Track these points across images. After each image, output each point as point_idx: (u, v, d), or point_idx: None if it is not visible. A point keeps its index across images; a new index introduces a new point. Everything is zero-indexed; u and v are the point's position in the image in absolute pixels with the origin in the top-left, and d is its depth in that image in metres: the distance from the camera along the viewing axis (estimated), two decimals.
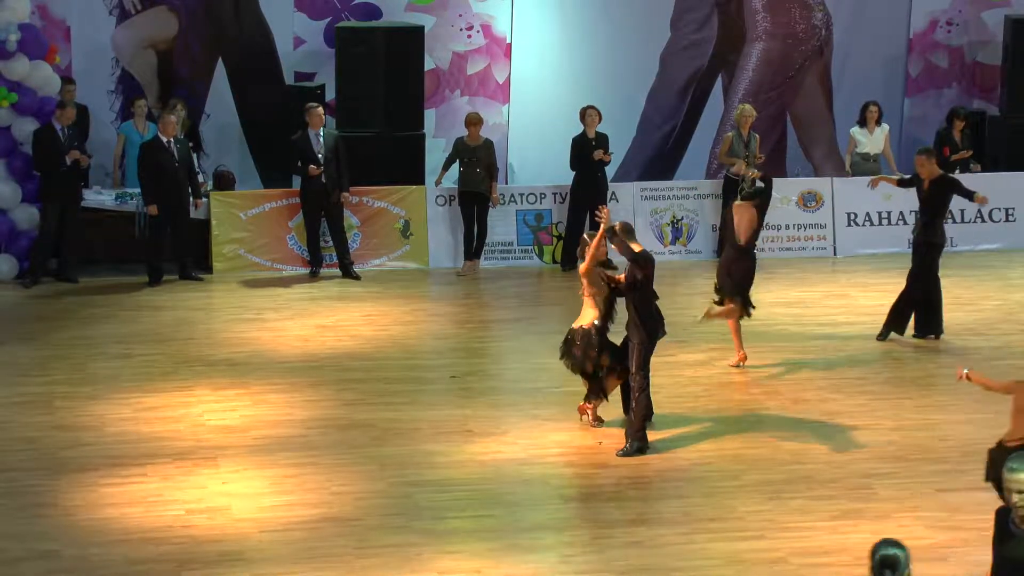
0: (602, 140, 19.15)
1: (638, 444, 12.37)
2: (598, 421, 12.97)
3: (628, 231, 12.68)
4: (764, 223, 19.68)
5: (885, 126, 20.47)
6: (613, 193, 19.32)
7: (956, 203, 20.30)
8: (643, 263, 12.45)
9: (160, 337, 16.01)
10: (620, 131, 20.11)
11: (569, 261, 18.62)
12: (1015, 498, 7.45)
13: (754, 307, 14.85)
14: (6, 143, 18.38)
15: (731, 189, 19.65)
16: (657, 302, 12.69)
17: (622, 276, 12.72)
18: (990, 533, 9.65)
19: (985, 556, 9.80)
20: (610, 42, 21.41)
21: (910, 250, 20.06)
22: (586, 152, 19.00)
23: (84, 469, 12.01)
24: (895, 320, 15.86)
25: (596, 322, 12.76)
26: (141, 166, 18.33)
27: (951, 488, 11.53)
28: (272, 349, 15.61)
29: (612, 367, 12.80)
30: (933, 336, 15.85)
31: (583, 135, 19.17)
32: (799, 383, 14.39)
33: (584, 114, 19.18)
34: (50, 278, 18.40)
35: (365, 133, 19.48)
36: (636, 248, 12.50)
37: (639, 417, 12.43)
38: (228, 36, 20.84)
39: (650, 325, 12.51)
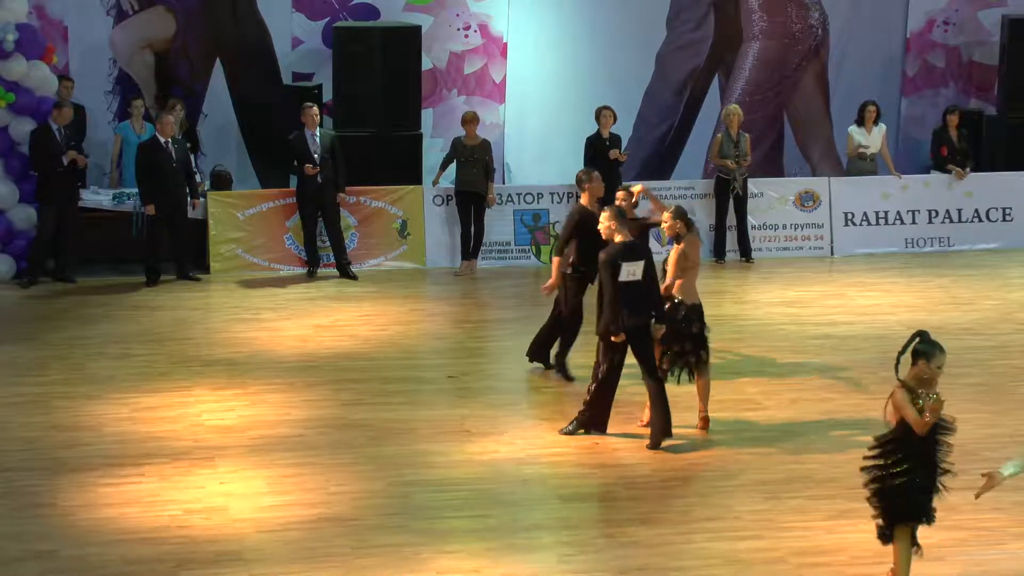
0: (615, 140, 19.27)
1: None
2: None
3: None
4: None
5: (882, 126, 20.49)
6: None
7: (953, 202, 20.46)
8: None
9: (158, 337, 16.01)
10: (617, 130, 20.06)
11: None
12: None
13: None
14: (3, 143, 18.37)
15: (722, 189, 19.71)
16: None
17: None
18: (987, 533, 9.68)
19: (984, 556, 9.83)
20: (606, 41, 21.42)
21: (908, 250, 20.23)
22: (600, 152, 19.02)
23: (82, 469, 12.01)
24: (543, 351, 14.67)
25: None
26: (139, 166, 18.31)
27: (949, 488, 11.50)
28: (270, 349, 15.61)
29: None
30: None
31: (597, 135, 19.25)
32: (797, 382, 14.39)
33: (599, 114, 19.27)
34: (48, 278, 18.41)
35: (363, 133, 19.48)
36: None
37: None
38: (226, 36, 20.84)
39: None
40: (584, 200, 14.44)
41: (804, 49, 22.01)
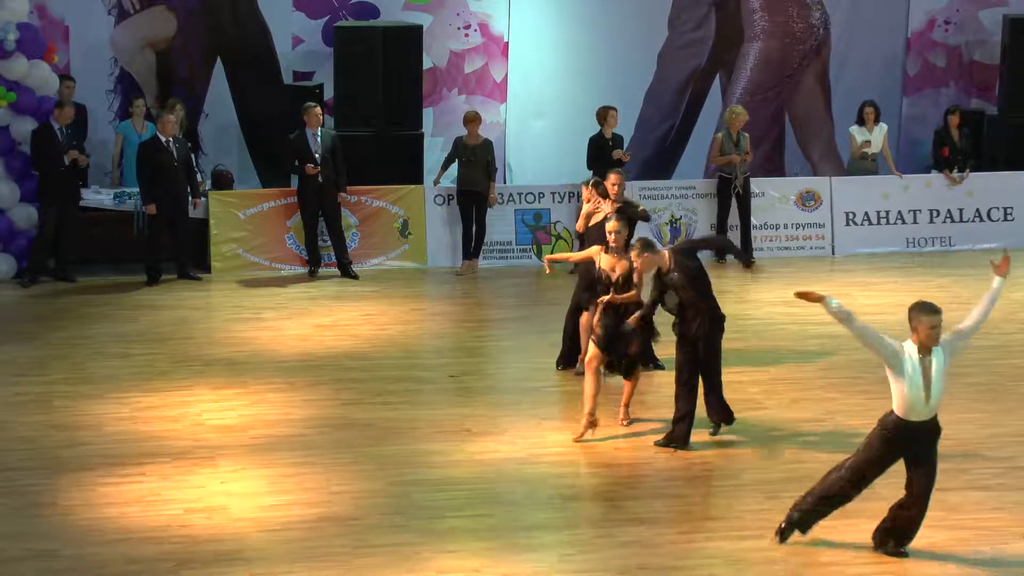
0: (618, 141, 19.27)
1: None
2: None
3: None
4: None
5: (884, 125, 20.49)
6: None
7: (955, 202, 20.46)
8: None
9: (158, 337, 16.02)
10: (618, 130, 20.11)
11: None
12: None
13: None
14: (4, 142, 18.37)
15: (724, 188, 19.70)
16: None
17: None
18: (988, 532, 9.68)
19: (983, 556, 9.82)
20: (608, 41, 21.42)
21: (909, 249, 20.23)
22: (604, 152, 19.03)
23: (83, 468, 12.01)
24: None
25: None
26: (140, 166, 18.32)
27: (949, 487, 11.51)
28: (270, 348, 15.61)
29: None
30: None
31: (600, 135, 19.24)
32: (797, 382, 14.39)
33: (605, 114, 19.26)
34: (48, 277, 18.42)
35: (363, 132, 19.49)
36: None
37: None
38: (227, 36, 20.85)
39: None
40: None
41: (805, 49, 22.01)
